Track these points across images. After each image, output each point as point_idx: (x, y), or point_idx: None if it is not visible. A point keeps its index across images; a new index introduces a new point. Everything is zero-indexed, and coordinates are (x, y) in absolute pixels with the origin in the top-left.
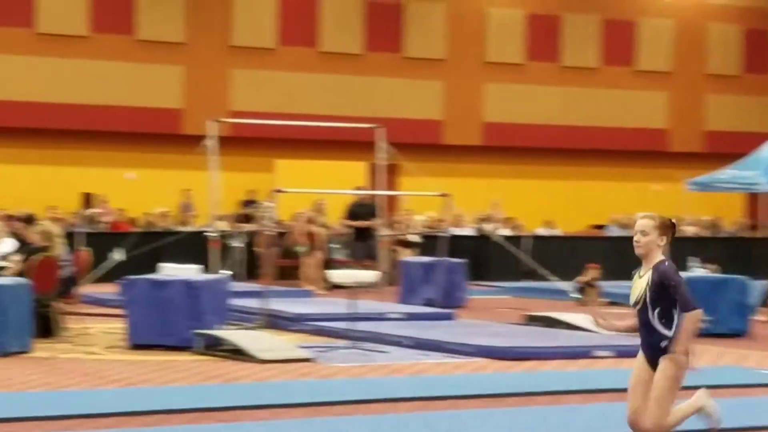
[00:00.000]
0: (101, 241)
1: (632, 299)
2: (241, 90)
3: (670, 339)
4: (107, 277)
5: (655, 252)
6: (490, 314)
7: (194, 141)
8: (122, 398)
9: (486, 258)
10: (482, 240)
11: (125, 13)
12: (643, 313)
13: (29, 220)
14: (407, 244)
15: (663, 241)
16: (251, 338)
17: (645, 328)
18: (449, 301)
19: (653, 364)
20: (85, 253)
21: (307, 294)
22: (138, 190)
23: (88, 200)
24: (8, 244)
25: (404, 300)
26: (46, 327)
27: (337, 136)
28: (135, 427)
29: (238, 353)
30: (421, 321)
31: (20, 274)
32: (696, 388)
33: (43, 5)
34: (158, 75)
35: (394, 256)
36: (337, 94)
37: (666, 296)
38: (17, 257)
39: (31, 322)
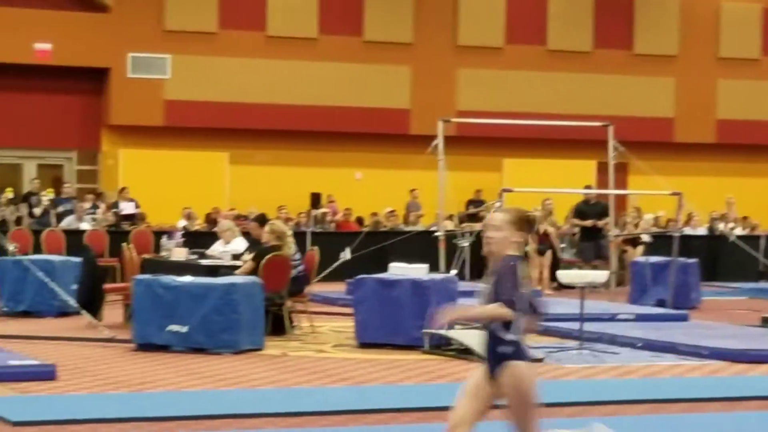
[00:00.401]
0: (329, 240)
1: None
2: (468, 89)
3: (514, 344)
4: (335, 276)
5: (509, 249)
6: (725, 316)
7: (421, 141)
8: (351, 396)
9: (719, 258)
10: (715, 239)
11: (353, 15)
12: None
13: (261, 219)
14: (637, 244)
15: (518, 238)
16: (480, 338)
17: (486, 332)
18: (682, 302)
19: (493, 372)
20: (314, 252)
21: (536, 294)
22: (365, 190)
23: (316, 200)
24: (241, 244)
25: (635, 301)
26: (277, 325)
27: (566, 135)
28: (362, 424)
29: (466, 353)
30: (652, 322)
31: (252, 273)
32: None
33: (274, 9)
34: (386, 76)
35: (623, 256)
36: (566, 92)
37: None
38: (249, 256)
39: (263, 321)
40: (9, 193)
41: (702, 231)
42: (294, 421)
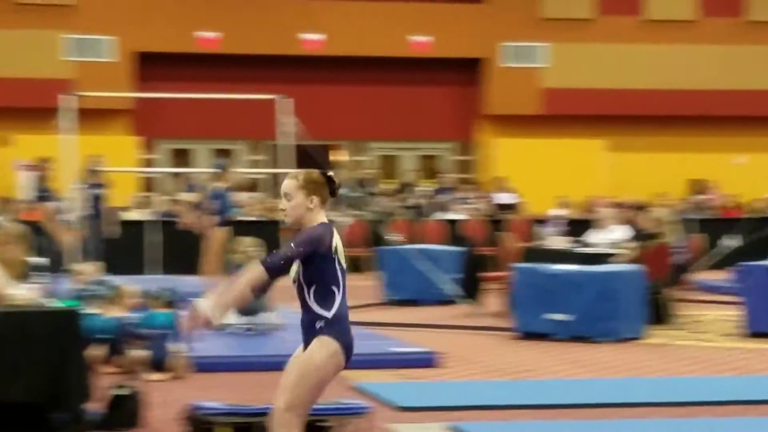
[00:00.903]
0: (713, 227)
1: (291, 276)
2: None
3: (327, 320)
4: (720, 264)
5: (308, 217)
6: None
7: None
8: (740, 386)
9: None
10: None
11: None
12: (300, 292)
13: (641, 207)
14: None
15: (314, 203)
16: None
17: (302, 309)
18: None
19: (306, 346)
20: (698, 239)
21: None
22: (748, 175)
23: (697, 186)
24: (620, 232)
25: None
26: (658, 314)
27: None
28: (755, 415)
29: None
30: None
31: (634, 261)
32: None
33: None
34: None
35: None
36: None
37: (318, 270)
38: (630, 244)
39: (644, 309)
40: (389, 185)
41: None
42: (680, 410)
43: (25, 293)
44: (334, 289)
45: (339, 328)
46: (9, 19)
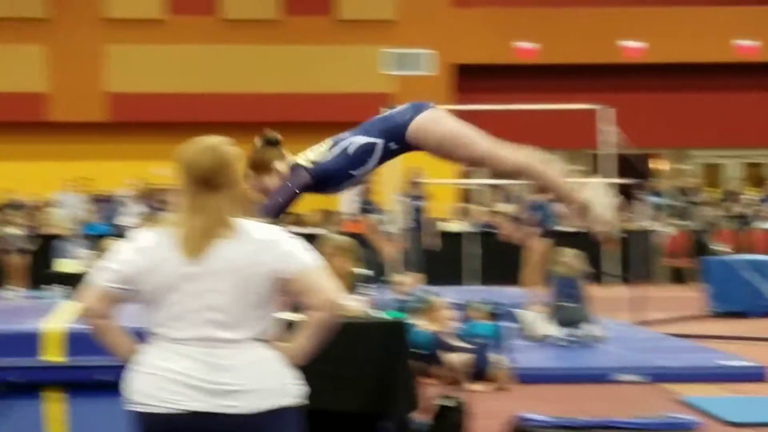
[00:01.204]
0: None
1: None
2: None
3: (394, 128)
4: None
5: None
6: None
7: None
8: None
9: None
10: None
11: None
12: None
13: None
14: None
15: (278, 166)
16: None
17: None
18: None
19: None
20: None
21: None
22: None
23: None
24: None
25: None
26: None
27: None
28: None
29: None
30: None
31: None
32: None
33: None
34: None
35: None
36: None
37: (332, 178)
38: None
39: None
40: (713, 193)
41: None
42: None
43: (355, 304)
44: (357, 144)
45: (409, 109)
46: (331, 35)
